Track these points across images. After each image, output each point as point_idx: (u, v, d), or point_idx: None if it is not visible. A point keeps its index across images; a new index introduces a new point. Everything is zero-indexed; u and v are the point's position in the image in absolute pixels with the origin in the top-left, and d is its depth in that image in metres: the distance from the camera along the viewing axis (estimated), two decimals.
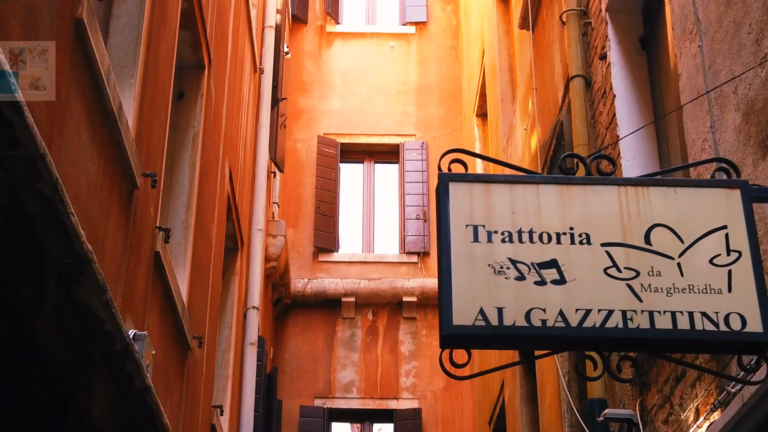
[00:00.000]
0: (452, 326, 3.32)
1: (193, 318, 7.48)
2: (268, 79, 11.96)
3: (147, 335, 5.33)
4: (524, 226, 3.52)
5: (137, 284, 5.60)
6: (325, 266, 15.35)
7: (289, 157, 15.69)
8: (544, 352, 4.06)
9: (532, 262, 3.47)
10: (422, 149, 16.06)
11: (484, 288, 3.40)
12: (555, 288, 3.43)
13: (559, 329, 3.37)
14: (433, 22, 17.16)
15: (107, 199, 4.88)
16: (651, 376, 5.93)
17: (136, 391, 5.03)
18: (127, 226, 5.30)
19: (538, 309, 3.39)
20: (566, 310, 3.40)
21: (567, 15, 7.57)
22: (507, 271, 3.44)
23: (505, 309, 3.37)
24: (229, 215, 9.71)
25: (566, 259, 3.49)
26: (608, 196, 3.60)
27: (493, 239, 3.48)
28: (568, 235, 3.53)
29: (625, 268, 3.50)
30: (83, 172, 4.45)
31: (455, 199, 3.51)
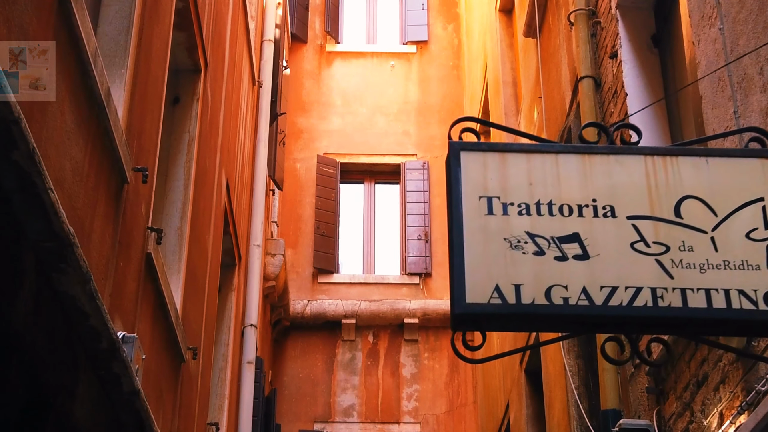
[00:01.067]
0: (465, 304, 3.04)
1: (187, 329, 7.18)
2: (266, 93, 11.71)
3: (137, 338, 5.03)
4: (543, 198, 3.24)
5: (127, 285, 5.31)
6: (325, 287, 15.04)
7: (289, 177, 15.42)
8: (553, 336, 3.75)
9: (551, 236, 3.19)
10: (423, 169, 15.80)
11: (500, 264, 3.11)
12: (577, 264, 3.14)
13: (583, 308, 3.08)
14: (434, 41, 16.95)
15: (94, 189, 4.60)
16: (669, 383, 5.63)
17: (124, 395, 4.73)
18: (115, 222, 5.02)
19: (559, 286, 3.11)
20: (590, 287, 3.11)
21: (575, 15, 7.33)
22: (525, 245, 3.15)
23: (524, 286, 3.09)
24: (226, 229, 9.43)
25: (589, 232, 3.21)
26: (634, 167, 3.32)
27: (509, 212, 3.20)
28: (591, 207, 3.25)
29: (654, 243, 3.22)
30: (67, 156, 4.17)
31: (467, 169, 3.23)
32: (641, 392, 6.07)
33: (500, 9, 12.16)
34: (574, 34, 7.34)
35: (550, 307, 3.07)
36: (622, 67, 6.60)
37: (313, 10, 17.01)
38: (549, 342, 3.42)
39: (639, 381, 6.14)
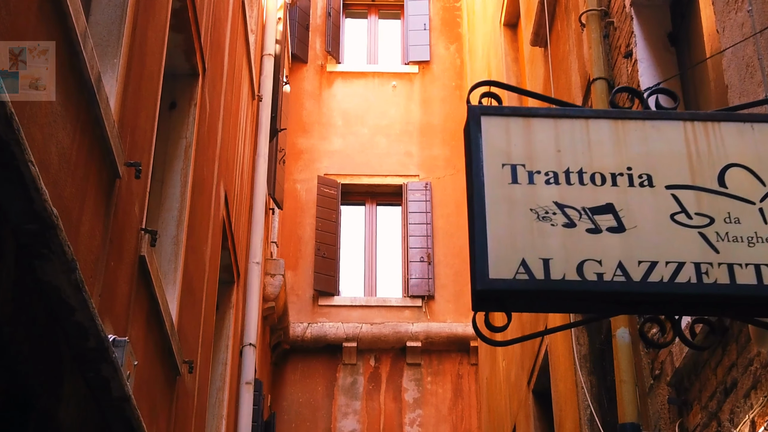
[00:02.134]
0: (488, 280, 2.73)
1: (183, 341, 6.87)
2: (266, 108, 11.45)
3: (128, 342, 4.72)
4: (572, 166, 2.95)
5: (118, 287, 5.01)
6: (326, 310, 14.71)
7: (289, 198, 15.14)
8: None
9: (583, 206, 2.89)
10: (426, 190, 15.51)
11: (527, 236, 2.82)
12: (612, 236, 2.85)
13: (619, 284, 2.78)
14: (436, 61, 16.71)
15: (83, 179, 4.31)
16: (692, 392, 5.31)
17: (114, 401, 4.41)
18: (106, 218, 4.72)
19: (592, 261, 2.81)
20: (627, 262, 2.81)
21: (587, 16, 7.06)
22: (553, 216, 2.86)
23: (553, 261, 2.79)
24: (224, 243, 9.13)
25: (624, 203, 2.92)
26: (672, 133, 3.03)
27: (536, 180, 2.91)
28: (626, 176, 2.96)
29: (697, 215, 2.92)
30: (53, 139, 3.88)
31: (489, 135, 2.94)
32: (662, 405, 5.75)
33: (505, 23, 11.93)
34: (585, 36, 7.08)
35: (582, 283, 2.77)
36: (637, 66, 6.33)
37: (313, 30, 16.80)
38: (578, 324, 3.10)
39: (659, 393, 5.82)
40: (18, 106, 3.42)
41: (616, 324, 6.15)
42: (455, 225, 15.26)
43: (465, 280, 14.84)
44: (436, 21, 17.05)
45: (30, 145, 3.32)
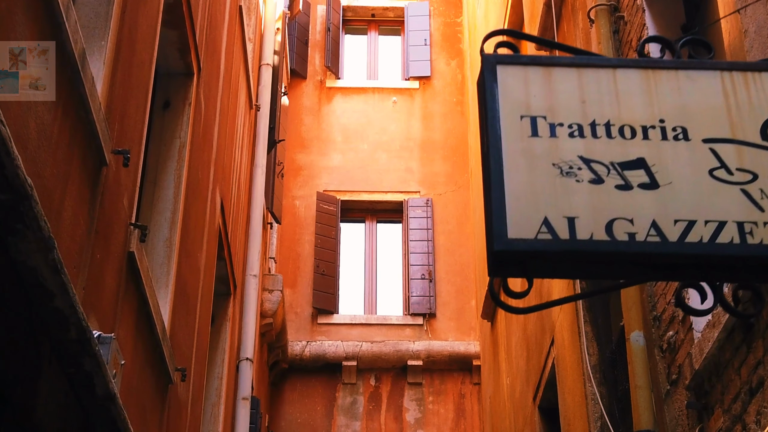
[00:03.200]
0: (507, 240, 2.45)
1: (176, 349, 6.57)
2: (264, 118, 11.19)
3: (114, 338, 4.43)
4: (599, 118, 2.67)
5: (105, 282, 4.72)
6: (325, 328, 14.39)
7: (287, 215, 14.85)
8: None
9: (611, 161, 2.62)
10: (427, 206, 15.24)
11: (549, 193, 2.54)
12: (644, 193, 2.57)
13: (654, 245, 2.50)
14: (437, 77, 16.48)
15: (65, 161, 4.03)
16: (714, 395, 5.00)
17: (98, 400, 4.11)
18: (92, 206, 4.44)
19: (623, 220, 2.53)
20: (661, 222, 2.53)
21: (596, 11, 6.80)
22: (578, 172, 2.58)
23: (579, 219, 2.51)
24: (220, 253, 8.84)
25: (657, 158, 2.64)
26: (709, 84, 2.75)
27: (558, 133, 2.63)
28: (658, 129, 2.68)
29: (738, 170, 2.64)
30: (31, 112, 3.61)
31: (505, 86, 2.66)
32: (679, 411, 5.45)
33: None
34: (594, 32, 6.81)
35: (612, 243, 2.49)
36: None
37: (312, 45, 16.58)
38: (608, 290, 2.79)
39: (676, 399, 5.52)
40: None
41: (630, 327, 5.86)
42: (457, 242, 14.98)
43: (467, 298, 14.54)
44: (436, 36, 16.83)
45: (3, 113, 3.05)
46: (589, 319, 7.70)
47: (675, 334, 5.54)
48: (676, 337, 5.53)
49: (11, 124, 3.29)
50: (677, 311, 5.49)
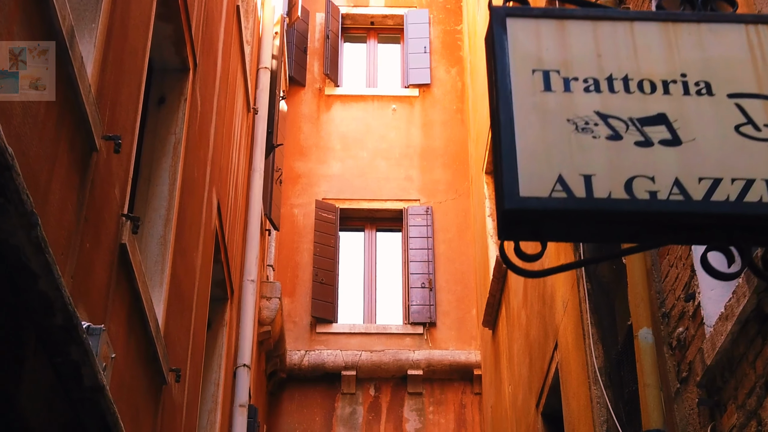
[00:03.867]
0: (519, 198, 2.28)
1: (170, 349, 6.38)
2: (262, 122, 11.03)
3: (104, 329, 4.25)
4: (616, 72, 2.50)
5: (94, 272, 4.54)
6: (324, 338, 14.20)
7: (286, 223, 14.68)
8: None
9: (630, 117, 2.45)
10: (427, 214, 15.07)
11: (564, 150, 2.37)
12: (666, 150, 2.40)
13: (677, 203, 2.33)
14: (437, 84, 16.33)
15: (52, 142, 3.86)
16: (727, 391, 4.82)
17: (85, 391, 3.92)
18: (81, 192, 4.27)
19: (643, 177, 2.36)
20: (685, 179, 2.36)
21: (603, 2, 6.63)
22: (595, 128, 2.41)
23: (596, 177, 2.34)
24: (217, 257, 8.66)
25: (679, 113, 2.47)
26: (733, 37, 2.59)
27: (573, 88, 2.46)
28: (680, 83, 2.51)
29: (767, 126, 2.47)
30: None
31: (516, 39, 2.49)
32: (690, 409, 5.26)
33: None
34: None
35: (632, 202, 2.32)
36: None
37: (311, 53, 16.44)
38: (627, 252, 2.61)
39: (687, 397, 5.34)
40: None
41: (638, 324, 5.69)
42: (457, 251, 14.81)
43: (467, 307, 14.35)
44: (436, 44, 16.69)
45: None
46: (594, 321, 7.52)
47: (685, 330, 5.37)
48: (686, 334, 5.36)
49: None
50: (687, 306, 5.32)
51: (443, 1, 17.10)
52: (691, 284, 5.29)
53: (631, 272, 5.81)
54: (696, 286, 5.21)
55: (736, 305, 4.53)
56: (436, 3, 17.08)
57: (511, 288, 11.21)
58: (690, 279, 5.30)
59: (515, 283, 10.93)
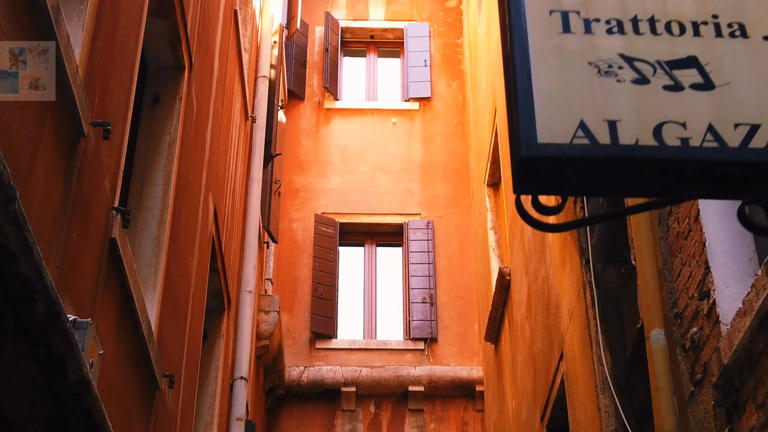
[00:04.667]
0: (537, 145, 2.07)
1: (164, 354, 6.16)
2: (260, 131, 10.84)
3: (91, 323, 4.03)
4: (641, 13, 2.30)
5: (82, 266, 4.33)
6: (323, 354, 13.95)
7: (285, 237, 14.47)
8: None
9: (657, 60, 2.25)
10: (428, 229, 14.85)
11: (585, 94, 2.17)
12: (698, 95, 2.20)
13: (711, 150, 2.12)
14: (437, 98, 16.15)
15: (36, 121, 3.66)
16: (745, 391, 4.60)
17: (71, 386, 3.70)
18: (67, 178, 4.06)
19: (673, 123, 2.15)
20: (719, 125, 2.16)
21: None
22: (619, 71, 2.21)
23: (621, 123, 2.14)
24: (213, 265, 8.44)
25: (711, 56, 2.27)
26: None
27: (594, 29, 2.26)
28: (711, 25, 2.31)
29: None
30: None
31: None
32: (705, 412, 5.04)
33: None
34: None
35: (661, 149, 2.11)
36: None
37: (310, 66, 16.27)
38: (655, 206, 2.37)
39: (702, 400, 5.11)
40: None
41: (650, 325, 5.47)
42: (458, 265, 14.59)
43: (469, 322, 14.11)
44: (437, 58, 16.53)
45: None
46: (602, 328, 7.30)
47: (699, 330, 5.15)
48: (700, 334, 5.14)
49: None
50: (701, 305, 5.11)
51: (443, 15, 16.95)
52: (705, 282, 5.08)
53: (642, 272, 5.59)
54: (711, 284, 5.00)
55: (755, 299, 4.33)
56: (437, 17, 16.93)
57: (514, 300, 11.00)
58: (704, 276, 5.09)
59: (518, 295, 10.71)
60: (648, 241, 5.63)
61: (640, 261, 5.64)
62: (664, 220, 5.69)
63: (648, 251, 5.60)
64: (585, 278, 7.57)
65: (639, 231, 5.70)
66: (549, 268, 8.98)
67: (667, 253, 5.62)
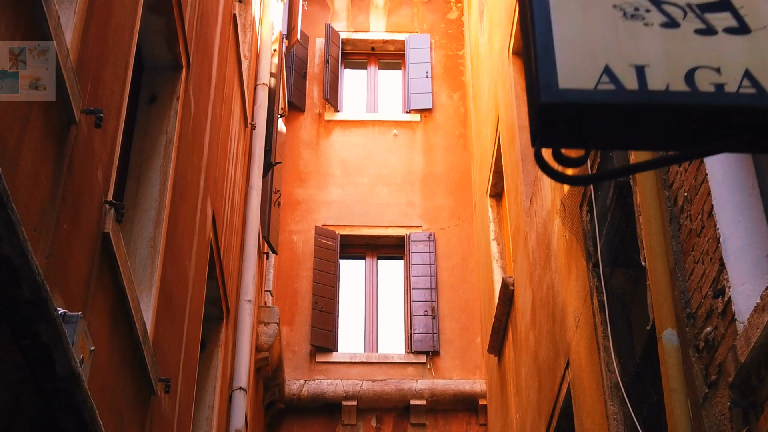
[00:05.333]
0: (558, 91, 1.90)
1: (160, 358, 5.97)
2: (260, 138, 10.68)
3: (82, 317, 3.85)
4: None
5: (73, 257, 4.15)
6: (324, 367, 13.74)
7: (285, 250, 14.29)
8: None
9: (688, 2, 2.08)
10: (429, 241, 14.67)
11: (610, 38, 1.99)
12: (732, 39, 2.03)
13: (748, 97, 1.95)
14: (439, 110, 16.00)
15: (24, 102, 3.49)
16: (764, 390, 4.42)
17: (59, 380, 3.52)
18: (57, 166, 3.89)
19: (706, 68, 1.98)
20: (756, 71, 1.98)
21: None
22: (647, 14, 2.04)
23: (649, 68, 1.97)
24: (212, 272, 8.26)
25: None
26: None
27: None
28: None
29: None
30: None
31: None
32: (721, 414, 4.85)
33: (513, 52, 11.23)
34: None
35: (694, 94, 1.94)
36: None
37: (311, 78, 16.13)
38: (677, 159, 2.19)
39: (717, 402, 4.92)
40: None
41: (661, 326, 5.28)
42: (461, 278, 14.40)
43: (472, 335, 13.91)
44: (438, 69, 16.39)
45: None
46: (610, 334, 7.12)
47: (713, 330, 4.97)
48: (714, 333, 4.96)
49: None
50: (716, 304, 4.92)
51: (445, 27, 16.83)
52: (720, 279, 4.90)
53: (653, 271, 5.42)
54: (725, 281, 4.83)
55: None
56: (438, 28, 16.81)
57: (518, 310, 10.82)
58: (718, 274, 4.91)
59: (522, 305, 10.53)
60: (659, 240, 5.46)
61: (650, 260, 5.46)
62: (675, 218, 5.52)
63: (659, 250, 5.43)
64: (592, 283, 7.40)
65: (650, 229, 5.53)
66: (554, 275, 8.80)
67: (679, 251, 5.45)
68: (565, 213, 7.74)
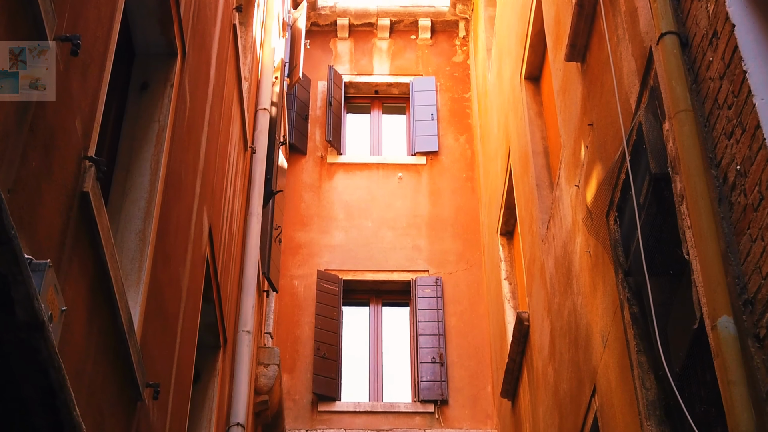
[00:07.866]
0: None
1: (148, 361, 5.33)
2: (260, 163, 10.13)
3: (51, 265, 3.24)
4: None
5: (43, 203, 3.56)
6: (326, 417, 13.02)
7: (286, 295, 13.66)
8: None
9: None
10: (437, 285, 14.04)
11: None
12: None
13: None
14: (445, 152, 15.48)
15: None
16: None
17: (19, 328, 2.90)
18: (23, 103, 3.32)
19: None
20: None
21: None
22: None
23: None
24: (208, 295, 7.63)
25: None
26: None
27: None
28: None
29: None
30: None
31: None
32: None
33: (526, 77, 10.76)
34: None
35: None
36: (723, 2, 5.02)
37: (312, 121, 15.65)
38: None
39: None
40: None
41: (715, 314, 4.66)
42: (470, 323, 13.75)
43: (482, 383, 13.22)
44: (444, 112, 15.92)
45: None
46: (643, 348, 6.49)
47: None
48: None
49: None
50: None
51: (450, 70, 16.39)
52: None
53: (703, 255, 4.82)
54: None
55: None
56: (443, 71, 16.37)
57: (535, 346, 10.17)
58: None
59: (539, 339, 9.89)
60: (708, 222, 4.87)
61: (700, 244, 4.86)
62: (725, 197, 4.94)
63: (709, 232, 4.84)
64: (622, 296, 6.78)
65: (697, 212, 4.95)
66: (576, 297, 8.19)
67: (732, 233, 4.86)
68: (591, 221, 7.16)
